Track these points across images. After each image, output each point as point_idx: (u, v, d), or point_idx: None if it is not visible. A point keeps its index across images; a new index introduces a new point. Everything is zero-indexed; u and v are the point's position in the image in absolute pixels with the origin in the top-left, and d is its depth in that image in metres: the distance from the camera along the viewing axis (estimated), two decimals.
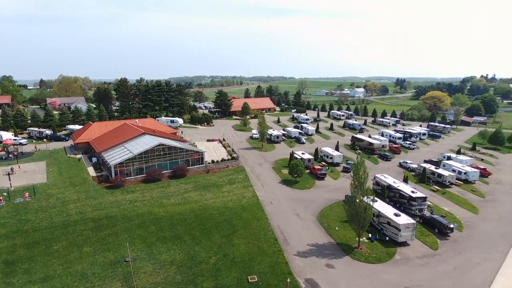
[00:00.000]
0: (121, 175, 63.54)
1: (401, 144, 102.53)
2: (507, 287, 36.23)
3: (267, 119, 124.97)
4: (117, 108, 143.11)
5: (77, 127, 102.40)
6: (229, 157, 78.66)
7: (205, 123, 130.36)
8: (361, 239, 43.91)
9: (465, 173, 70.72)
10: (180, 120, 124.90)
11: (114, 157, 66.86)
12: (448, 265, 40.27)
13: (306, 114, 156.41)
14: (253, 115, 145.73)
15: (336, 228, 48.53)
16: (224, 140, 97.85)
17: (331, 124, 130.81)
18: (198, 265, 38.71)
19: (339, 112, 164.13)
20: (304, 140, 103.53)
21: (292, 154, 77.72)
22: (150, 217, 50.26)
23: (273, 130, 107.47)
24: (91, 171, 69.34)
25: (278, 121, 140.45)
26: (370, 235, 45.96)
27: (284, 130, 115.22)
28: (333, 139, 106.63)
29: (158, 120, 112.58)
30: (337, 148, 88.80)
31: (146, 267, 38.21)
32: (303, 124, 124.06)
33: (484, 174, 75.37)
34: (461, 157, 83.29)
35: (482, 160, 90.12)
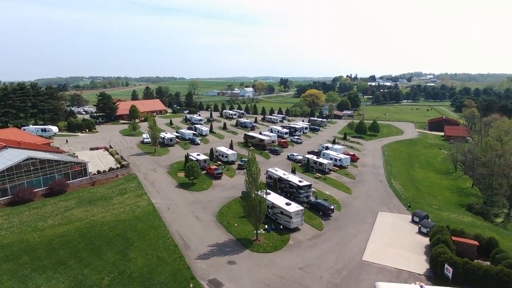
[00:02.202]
0: None
1: (291, 139, 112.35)
2: (375, 250, 43.60)
3: (159, 121, 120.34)
4: None
5: None
6: (118, 165, 72.38)
7: (87, 130, 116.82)
8: (258, 231, 46.32)
9: (339, 160, 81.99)
10: (54, 128, 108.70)
11: None
12: (331, 241, 46.07)
13: (199, 115, 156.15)
14: (142, 118, 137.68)
15: (235, 224, 50.01)
16: (111, 147, 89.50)
17: (224, 124, 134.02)
18: None
19: (231, 112, 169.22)
20: (199, 141, 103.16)
21: (187, 156, 76.46)
22: (21, 246, 42.29)
23: (166, 133, 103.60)
24: None
25: (171, 123, 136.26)
26: (266, 226, 48.92)
27: (177, 132, 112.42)
28: (227, 138, 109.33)
29: (24, 129, 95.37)
30: (231, 147, 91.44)
31: None
32: (196, 125, 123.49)
33: (353, 159, 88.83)
34: (336, 146, 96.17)
35: (351, 147, 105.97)
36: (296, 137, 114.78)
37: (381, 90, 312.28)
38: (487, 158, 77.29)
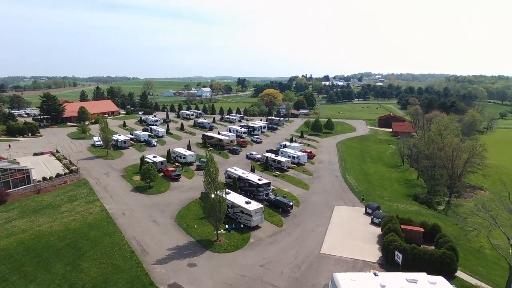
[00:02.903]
0: None
1: (251, 138, 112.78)
2: (332, 243, 45.28)
3: (111, 123, 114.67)
4: None
5: None
6: (66, 171, 67.75)
7: (29, 134, 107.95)
8: (219, 232, 45.92)
9: (297, 157, 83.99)
10: None
11: None
12: (291, 237, 47.04)
13: (155, 116, 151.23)
14: (93, 121, 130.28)
15: (195, 226, 49.12)
16: (57, 151, 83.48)
17: (182, 124, 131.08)
18: None
19: (188, 112, 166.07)
20: (155, 143, 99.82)
21: (142, 159, 73.61)
22: None
23: (119, 135, 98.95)
24: None
25: (124, 125, 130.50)
26: (227, 226, 48.66)
27: (132, 134, 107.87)
28: (184, 139, 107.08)
29: None
30: (189, 148, 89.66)
31: None
32: (152, 126, 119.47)
33: (310, 156, 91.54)
34: (293, 144, 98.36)
35: (308, 145, 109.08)
36: (256, 136, 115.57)
37: (335, 90, 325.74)
38: (429, 151, 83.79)
